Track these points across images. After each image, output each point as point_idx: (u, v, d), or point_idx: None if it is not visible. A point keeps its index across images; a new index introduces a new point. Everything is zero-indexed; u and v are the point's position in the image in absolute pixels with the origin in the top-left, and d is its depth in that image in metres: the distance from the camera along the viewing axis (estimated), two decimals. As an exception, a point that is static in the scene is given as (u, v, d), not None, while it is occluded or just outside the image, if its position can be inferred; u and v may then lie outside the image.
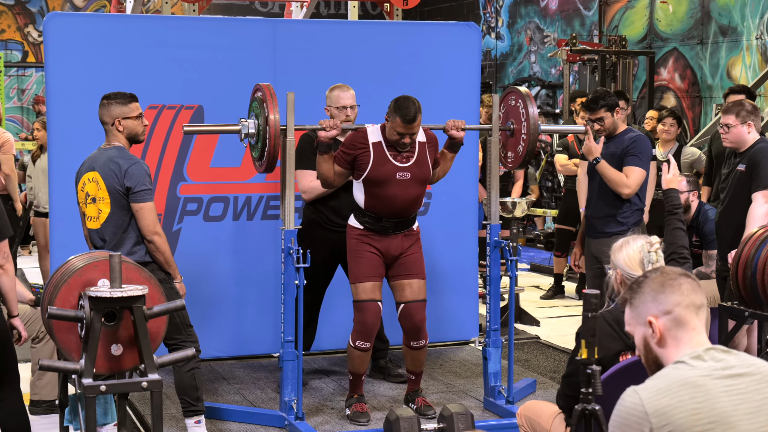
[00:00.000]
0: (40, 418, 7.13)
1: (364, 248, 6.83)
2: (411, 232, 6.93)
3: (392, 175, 6.70)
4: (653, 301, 3.27)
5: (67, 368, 4.89)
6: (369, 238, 6.83)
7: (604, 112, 7.57)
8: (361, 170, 6.72)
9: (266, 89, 6.50)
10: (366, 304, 6.77)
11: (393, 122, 6.61)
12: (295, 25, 9.00)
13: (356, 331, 6.82)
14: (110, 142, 6.20)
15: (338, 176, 6.79)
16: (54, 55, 7.66)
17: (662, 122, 10.46)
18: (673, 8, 14.04)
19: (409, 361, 7.04)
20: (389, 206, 6.75)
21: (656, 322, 3.26)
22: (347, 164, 6.75)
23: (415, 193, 6.79)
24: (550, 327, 10.18)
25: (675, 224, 5.75)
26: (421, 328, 6.89)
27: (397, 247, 6.86)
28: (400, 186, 6.72)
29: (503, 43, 18.05)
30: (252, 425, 6.89)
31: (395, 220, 6.81)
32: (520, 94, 7.15)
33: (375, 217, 6.79)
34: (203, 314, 7.87)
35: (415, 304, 6.86)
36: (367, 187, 6.74)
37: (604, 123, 7.58)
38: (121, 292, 4.78)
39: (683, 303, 3.25)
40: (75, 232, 7.05)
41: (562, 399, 4.79)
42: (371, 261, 6.81)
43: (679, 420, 3.06)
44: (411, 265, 6.89)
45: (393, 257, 6.87)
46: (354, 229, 6.89)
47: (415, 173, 6.76)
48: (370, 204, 6.77)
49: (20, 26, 18.94)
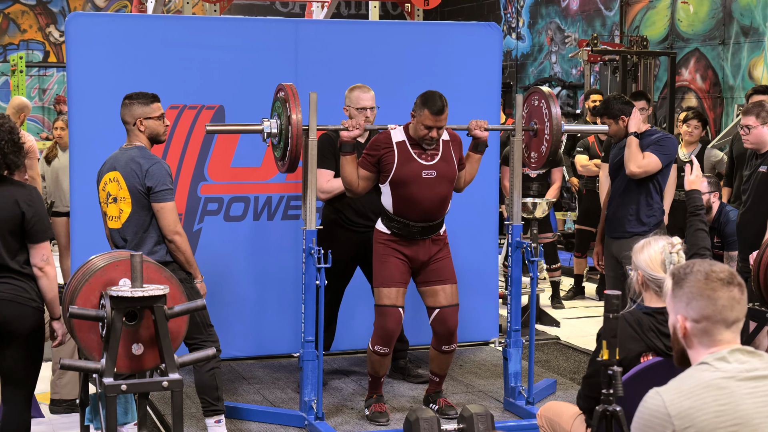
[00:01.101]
0: (60, 417, 7.16)
1: (390, 253, 6.79)
2: (438, 237, 6.90)
3: (418, 174, 6.66)
4: (687, 305, 3.24)
5: (88, 367, 4.90)
6: (396, 244, 6.80)
7: (607, 119, 7.55)
8: (386, 171, 6.69)
9: (289, 89, 6.50)
10: (388, 309, 6.75)
11: (420, 116, 6.59)
12: (316, 25, 9.00)
13: (376, 335, 6.80)
14: (132, 142, 6.21)
15: (362, 180, 6.75)
16: (76, 55, 7.68)
17: (687, 123, 10.42)
18: (695, 8, 14.00)
19: (436, 364, 7.03)
20: (417, 208, 6.70)
21: (683, 322, 3.24)
22: (372, 167, 6.72)
23: (442, 192, 6.75)
24: (570, 328, 10.16)
25: (697, 225, 5.71)
26: (454, 333, 6.89)
27: (426, 252, 6.83)
28: (427, 185, 6.68)
29: (524, 43, 18.03)
30: (272, 425, 6.89)
31: (423, 225, 6.76)
32: (543, 94, 7.11)
33: (404, 222, 6.75)
34: (223, 314, 7.87)
35: (449, 309, 6.85)
36: (394, 189, 6.70)
37: (608, 131, 7.57)
38: (143, 291, 4.79)
39: (714, 318, 3.20)
40: (96, 232, 7.07)
41: (582, 400, 4.77)
42: (397, 267, 6.78)
43: (703, 422, 3.05)
44: (442, 270, 6.87)
45: (421, 263, 6.84)
46: (381, 234, 6.85)
47: (441, 171, 6.73)
48: (398, 208, 6.72)
49: (42, 26, 19.00)
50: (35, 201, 5.48)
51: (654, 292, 4.74)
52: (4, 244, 5.42)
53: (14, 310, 5.42)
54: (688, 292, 3.23)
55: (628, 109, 7.64)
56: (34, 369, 5.62)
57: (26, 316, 5.45)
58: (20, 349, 5.49)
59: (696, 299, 3.22)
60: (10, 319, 5.41)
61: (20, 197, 5.43)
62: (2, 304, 5.40)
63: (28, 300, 5.47)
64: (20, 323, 5.44)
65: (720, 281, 3.22)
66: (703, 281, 3.22)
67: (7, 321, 5.41)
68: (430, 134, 6.62)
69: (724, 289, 3.21)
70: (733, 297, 3.21)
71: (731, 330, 3.22)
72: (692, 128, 10.38)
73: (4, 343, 5.47)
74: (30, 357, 5.55)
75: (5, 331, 5.43)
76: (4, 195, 5.42)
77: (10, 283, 5.45)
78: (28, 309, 5.46)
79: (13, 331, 5.43)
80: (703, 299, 3.21)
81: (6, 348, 5.48)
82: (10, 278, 5.45)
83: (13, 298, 5.42)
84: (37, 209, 5.47)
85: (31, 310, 5.48)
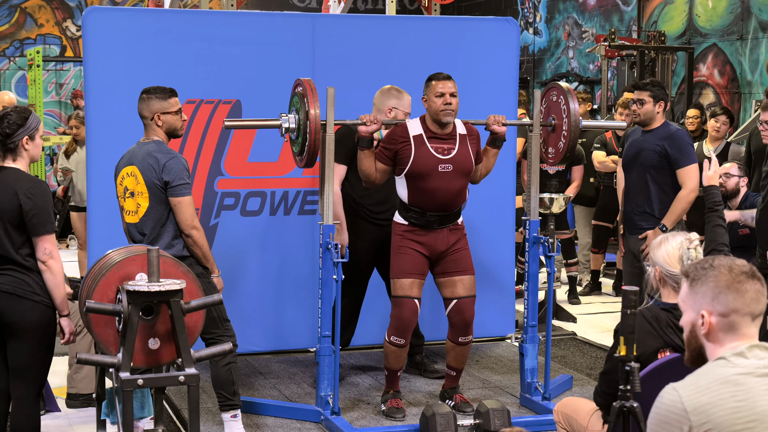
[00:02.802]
0: (77, 411, 7.17)
1: (408, 245, 6.79)
2: (456, 226, 6.90)
3: (434, 168, 6.66)
4: (713, 299, 3.21)
5: (105, 362, 4.91)
6: (414, 234, 6.79)
7: (648, 97, 7.50)
8: (402, 164, 6.69)
9: (307, 84, 6.50)
10: (404, 300, 6.74)
11: (429, 90, 6.68)
12: (333, 20, 9.00)
13: (392, 326, 6.80)
14: (149, 136, 6.21)
15: (380, 173, 6.76)
16: (93, 50, 7.69)
17: (715, 119, 10.39)
18: (713, 3, 13.95)
19: (453, 357, 7.01)
20: (432, 199, 6.71)
21: (708, 317, 3.22)
22: (389, 160, 6.73)
23: (457, 185, 6.75)
24: (586, 323, 10.14)
25: (716, 221, 5.70)
26: (470, 324, 6.89)
27: (443, 242, 6.83)
28: (443, 179, 6.68)
29: (541, 38, 18.00)
30: (288, 420, 6.89)
31: (440, 214, 6.78)
32: (561, 90, 7.09)
33: (419, 211, 6.76)
34: (240, 309, 7.88)
35: (467, 300, 6.86)
36: (409, 181, 6.71)
37: (642, 107, 7.52)
38: (159, 286, 4.80)
39: (742, 311, 3.19)
40: (112, 226, 7.08)
41: (600, 396, 4.76)
42: (414, 258, 6.78)
43: (719, 418, 3.04)
44: (460, 261, 6.87)
45: (439, 253, 6.84)
46: (399, 225, 6.85)
47: (457, 165, 6.72)
48: (414, 198, 6.73)
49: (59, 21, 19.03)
50: (37, 194, 5.44)
51: (672, 287, 4.73)
52: (8, 236, 5.42)
53: (14, 303, 5.41)
54: (714, 286, 3.21)
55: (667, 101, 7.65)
56: (41, 364, 5.59)
57: (26, 309, 5.43)
58: (23, 342, 5.47)
59: (723, 293, 3.20)
60: (10, 312, 5.41)
61: (21, 189, 5.41)
62: (2, 296, 5.41)
63: (29, 293, 5.44)
64: (20, 316, 5.42)
65: (744, 274, 3.21)
66: (728, 274, 3.21)
67: (6, 313, 5.41)
68: (445, 100, 6.64)
69: (750, 282, 3.21)
70: (758, 290, 3.21)
71: (755, 324, 3.22)
72: (720, 124, 10.35)
73: (7, 336, 5.47)
74: (35, 351, 5.51)
75: (5, 324, 5.43)
76: (5, 186, 5.42)
77: (11, 275, 5.44)
78: (28, 302, 5.43)
79: (14, 323, 5.42)
80: (732, 292, 3.19)
81: (9, 341, 5.48)
82: (12, 270, 5.44)
83: (12, 291, 5.41)
84: (37, 202, 5.43)
85: (32, 304, 5.45)
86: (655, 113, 7.51)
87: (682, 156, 7.40)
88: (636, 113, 7.53)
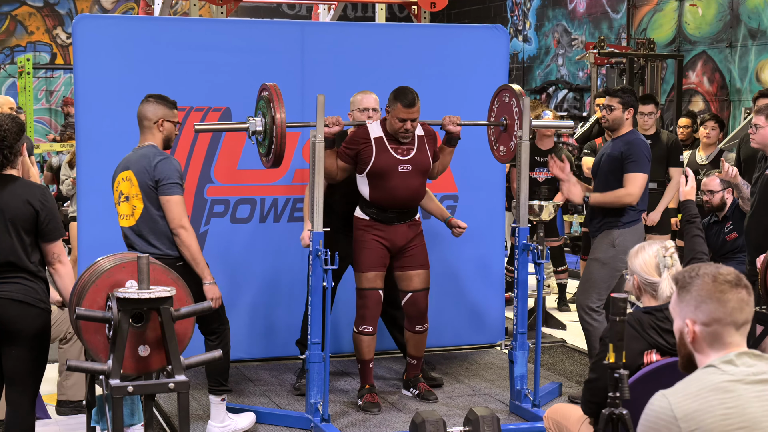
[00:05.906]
0: (67, 418, 7.16)
1: (369, 238, 7.12)
2: (414, 222, 7.27)
3: (394, 168, 7.01)
4: (696, 308, 3.23)
5: (95, 369, 4.91)
6: (375, 229, 7.13)
7: (617, 104, 7.51)
8: (364, 164, 7.02)
9: (272, 89, 6.62)
10: (368, 292, 7.13)
11: (394, 110, 6.91)
12: (322, 27, 9.01)
13: (359, 316, 7.17)
14: (146, 139, 6.28)
15: (341, 171, 7.10)
16: (83, 57, 7.70)
17: (704, 125, 10.42)
18: (702, 11, 13.99)
19: (412, 346, 7.38)
20: (393, 197, 7.05)
21: (692, 326, 3.23)
22: (350, 159, 7.06)
23: (416, 184, 7.12)
24: (576, 331, 10.14)
25: (694, 232, 5.80)
26: (425, 314, 7.32)
27: (403, 237, 7.17)
28: (402, 178, 7.03)
29: (530, 45, 18.02)
30: (278, 427, 6.90)
31: (399, 210, 7.12)
32: (513, 92, 7.30)
33: (380, 207, 7.09)
34: (229, 316, 7.82)
35: (422, 293, 7.27)
36: (371, 180, 7.04)
37: (611, 113, 7.53)
38: (149, 293, 4.81)
39: (724, 321, 3.20)
40: (102, 234, 7.08)
41: (586, 407, 4.75)
42: (377, 252, 7.11)
43: (709, 425, 3.05)
44: (417, 256, 7.25)
45: (399, 247, 7.17)
46: (361, 220, 7.18)
47: (416, 165, 7.08)
48: (375, 196, 7.06)
49: (49, 28, 19.03)
50: (48, 200, 5.50)
51: (650, 294, 4.78)
52: (21, 244, 5.43)
53: (24, 311, 5.42)
54: (696, 295, 3.22)
55: (636, 108, 7.66)
56: (38, 371, 5.61)
57: (34, 317, 5.46)
58: (25, 349, 5.48)
59: (705, 302, 3.21)
60: (18, 320, 5.41)
61: (32, 196, 5.43)
62: (13, 304, 5.41)
63: (38, 301, 5.47)
64: (27, 324, 5.44)
65: (728, 283, 3.21)
66: (711, 284, 3.22)
67: (14, 321, 5.41)
68: (405, 127, 6.93)
69: (733, 291, 3.21)
70: (741, 299, 3.21)
71: (740, 333, 3.22)
72: (709, 129, 10.39)
73: (10, 343, 5.46)
74: (34, 358, 5.54)
75: (11, 331, 5.43)
76: (16, 194, 5.43)
77: (22, 283, 5.45)
78: (36, 310, 5.47)
79: (19, 330, 5.43)
80: (713, 302, 3.20)
81: (11, 348, 5.47)
82: (23, 279, 5.46)
83: (23, 299, 5.43)
84: (50, 208, 5.49)
85: (39, 311, 5.48)
86: (623, 119, 7.52)
87: (632, 162, 7.37)
88: (605, 119, 7.57)
